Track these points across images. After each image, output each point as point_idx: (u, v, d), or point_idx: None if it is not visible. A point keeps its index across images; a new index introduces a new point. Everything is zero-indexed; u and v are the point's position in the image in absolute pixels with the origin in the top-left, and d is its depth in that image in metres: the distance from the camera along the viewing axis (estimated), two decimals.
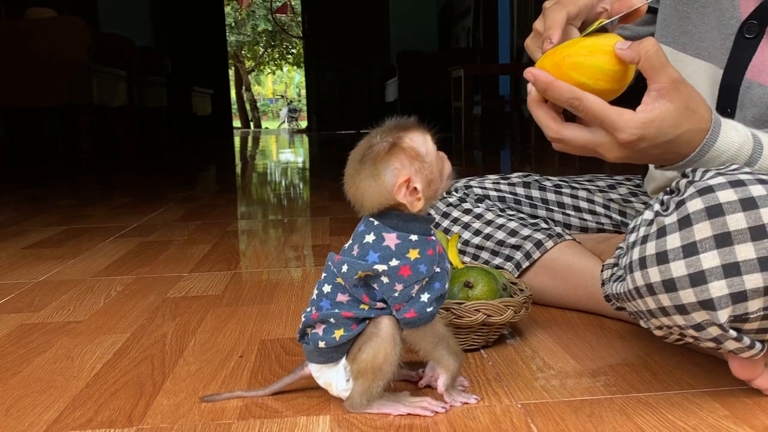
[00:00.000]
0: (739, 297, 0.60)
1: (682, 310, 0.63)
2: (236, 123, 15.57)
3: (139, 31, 7.02)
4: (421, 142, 0.66)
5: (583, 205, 1.14)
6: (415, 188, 0.65)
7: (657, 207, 0.66)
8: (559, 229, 1.06)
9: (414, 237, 0.66)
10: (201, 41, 8.42)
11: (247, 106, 19.96)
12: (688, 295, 0.62)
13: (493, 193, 1.16)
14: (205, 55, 8.45)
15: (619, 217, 1.13)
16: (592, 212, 1.14)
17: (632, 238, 0.68)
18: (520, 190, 1.16)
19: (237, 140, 8.35)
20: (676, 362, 0.82)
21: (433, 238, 0.67)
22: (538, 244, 1.03)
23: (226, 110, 9.12)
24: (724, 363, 0.80)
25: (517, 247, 1.05)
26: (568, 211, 1.14)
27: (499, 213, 1.12)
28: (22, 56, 3.84)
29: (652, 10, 1.00)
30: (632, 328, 0.94)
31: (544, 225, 1.08)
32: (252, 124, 19.57)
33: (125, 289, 1.25)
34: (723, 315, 0.61)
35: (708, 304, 0.61)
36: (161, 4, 8.23)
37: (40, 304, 1.17)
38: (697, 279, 0.61)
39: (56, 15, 4.17)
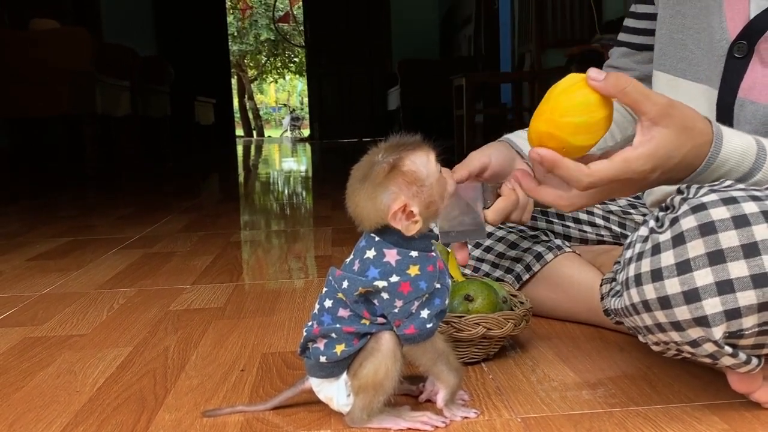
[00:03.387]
0: (733, 314, 0.61)
1: (677, 326, 0.64)
2: (239, 131, 15.60)
3: (142, 41, 7.05)
4: (423, 163, 0.66)
5: (583, 216, 1.15)
6: (411, 212, 0.65)
7: (652, 223, 0.67)
8: (558, 242, 1.07)
9: (414, 253, 0.66)
10: (204, 50, 8.45)
11: (250, 115, 20.00)
12: (683, 312, 0.62)
13: None
14: (208, 65, 8.48)
15: (618, 229, 1.14)
16: (592, 224, 1.14)
17: (628, 254, 0.68)
18: None
19: (240, 149, 8.37)
20: (675, 375, 0.82)
21: (434, 254, 0.68)
22: (538, 257, 1.04)
23: (228, 119, 9.15)
24: (723, 376, 0.80)
25: (517, 260, 1.06)
26: (567, 223, 1.15)
27: (499, 225, 1.12)
28: (26, 66, 3.86)
29: (643, 47, 1.03)
30: (632, 340, 0.95)
31: (543, 237, 1.09)
32: (255, 132, 19.61)
33: (128, 302, 1.26)
34: (718, 332, 0.62)
35: (702, 321, 0.62)
36: (164, 14, 8.27)
37: (43, 318, 1.17)
38: (691, 296, 0.61)
39: (59, 26, 4.20)
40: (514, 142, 0.97)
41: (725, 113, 0.84)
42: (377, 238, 0.67)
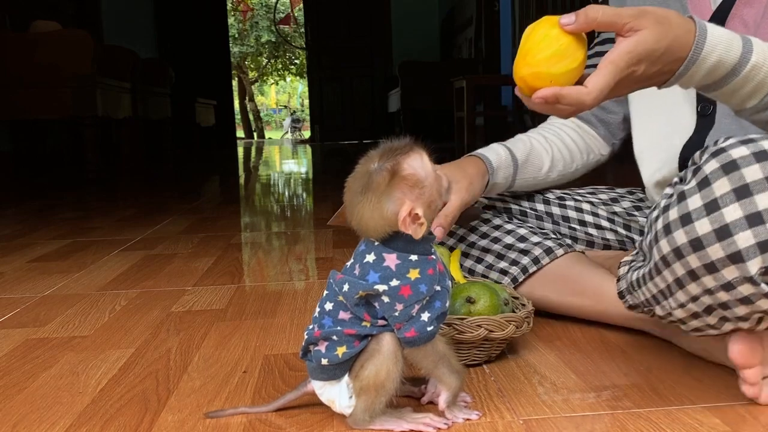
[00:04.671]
0: (766, 245, 0.62)
1: (711, 268, 0.64)
2: (240, 133, 15.62)
3: (143, 43, 7.06)
4: (420, 165, 0.65)
5: (588, 219, 1.15)
6: (417, 214, 0.65)
7: (676, 180, 0.70)
8: (569, 241, 1.08)
9: (414, 257, 0.66)
10: (204, 52, 8.46)
11: (251, 117, 20.02)
12: (715, 251, 0.63)
13: (498, 204, 1.16)
14: (209, 66, 8.49)
15: (624, 232, 1.14)
16: (598, 226, 1.14)
17: (654, 214, 0.70)
18: (525, 203, 1.16)
19: (240, 150, 8.38)
20: (677, 377, 0.82)
21: (434, 257, 0.68)
22: (548, 251, 1.03)
23: (229, 121, 9.16)
24: (724, 378, 0.81)
25: (525, 252, 1.04)
26: (573, 225, 1.14)
27: (507, 220, 1.12)
28: (27, 69, 3.87)
29: None
30: (634, 342, 0.95)
31: (553, 235, 1.09)
32: (255, 134, 19.63)
33: (129, 304, 1.26)
34: (753, 266, 0.62)
35: (736, 257, 0.63)
36: (165, 16, 8.28)
37: (45, 319, 1.18)
38: (723, 233, 0.62)
39: (61, 28, 4.21)
40: (485, 155, 1.06)
41: (703, 97, 0.87)
42: (376, 243, 0.67)
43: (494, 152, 1.07)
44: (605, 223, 1.15)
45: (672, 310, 0.72)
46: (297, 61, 20.58)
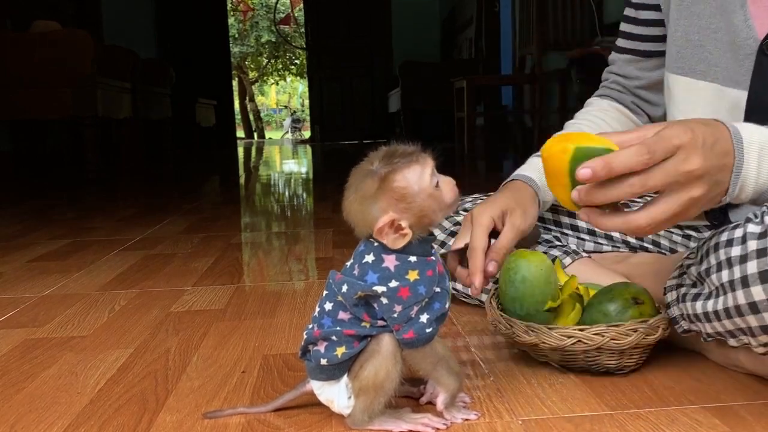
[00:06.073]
0: None
1: None
2: (240, 133, 15.62)
3: (143, 43, 7.06)
4: (416, 178, 0.65)
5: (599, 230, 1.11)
6: (400, 225, 0.64)
7: (751, 227, 0.67)
8: (574, 246, 1.05)
9: (413, 258, 0.66)
10: (205, 52, 8.46)
11: (251, 117, 20.02)
12: None
13: None
14: (209, 67, 8.49)
15: (636, 242, 1.09)
16: (608, 237, 1.10)
17: (722, 255, 0.69)
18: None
19: (240, 151, 8.38)
20: (676, 377, 0.82)
21: (433, 258, 0.68)
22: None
23: (229, 121, 9.16)
24: (724, 378, 0.81)
25: None
26: (582, 235, 1.10)
27: None
28: (27, 69, 3.86)
29: (651, 54, 1.04)
30: None
31: (557, 242, 1.06)
32: (255, 134, 19.63)
33: (129, 304, 1.26)
34: None
35: None
36: (165, 17, 8.28)
37: (44, 319, 1.17)
38: None
39: (61, 28, 4.21)
40: (527, 176, 0.98)
41: (761, 112, 0.82)
42: (376, 243, 0.67)
43: (536, 169, 1.00)
44: (616, 234, 1.10)
45: (753, 346, 0.72)
46: (297, 61, 20.58)
